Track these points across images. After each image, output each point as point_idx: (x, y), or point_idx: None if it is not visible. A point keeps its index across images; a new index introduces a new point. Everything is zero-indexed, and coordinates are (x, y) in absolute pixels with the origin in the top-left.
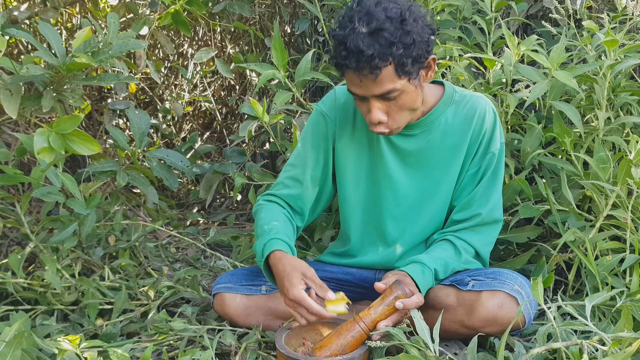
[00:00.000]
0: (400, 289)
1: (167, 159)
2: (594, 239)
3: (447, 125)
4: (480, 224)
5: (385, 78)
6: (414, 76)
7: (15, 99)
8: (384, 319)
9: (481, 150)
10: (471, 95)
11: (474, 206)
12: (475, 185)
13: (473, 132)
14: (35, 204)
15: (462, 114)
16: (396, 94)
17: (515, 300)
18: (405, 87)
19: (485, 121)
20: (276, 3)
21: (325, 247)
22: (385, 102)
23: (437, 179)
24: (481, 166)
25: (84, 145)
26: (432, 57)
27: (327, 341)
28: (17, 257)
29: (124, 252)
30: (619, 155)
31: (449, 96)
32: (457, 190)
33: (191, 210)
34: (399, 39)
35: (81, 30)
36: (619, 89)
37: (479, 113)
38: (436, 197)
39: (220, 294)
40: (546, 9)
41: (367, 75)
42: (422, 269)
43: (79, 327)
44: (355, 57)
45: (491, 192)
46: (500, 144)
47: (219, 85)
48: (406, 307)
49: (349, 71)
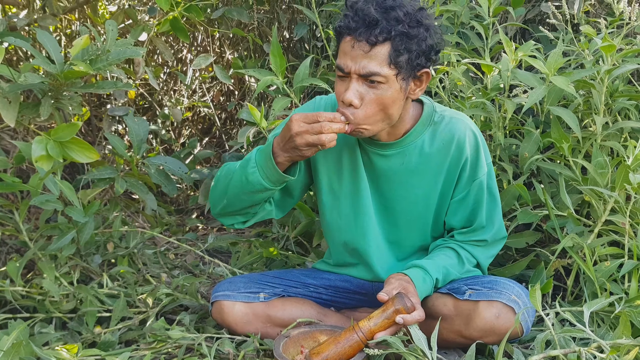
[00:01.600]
0: (402, 302)
1: (165, 165)
2: (593, 244)
3: (423, 148)
4: (487, 245)
5: (376, 56)
6: (404, 76)
7: (14, 107)
8: (382, 331)
9: (465, 178)
10: (450, 118)
11: (479, 231)
12: (468, 210)
13: (452, 158)
14: (33, 211)
15: (439, 138)
16: (379, 80)
17: (512, 311)
18: (390, 81)
19: (465, 148)
20: (274, 9)
21: (323, 252)
22: (365, 86)
23: (412, 203)
24: (469, 192)
25: (82, 153)
26: (427, 72)
27: (324, 347)
28: (16, 264)
29: (123, 259)
30: (617, 160)
31: (428, 116)
32: (447, 217)
33: (190, 216)
34: (407, 23)
35: (79, 37)
36: (617, 93)
37: (458, 139)
38: (411, 218)
39: (219, 302)
40: (544, 14)
41: (361, 42)
42: (424, 276)
43: (77, 335)
44: (360, 19)
45: (494, 215)
46: (487, 165)
47: (218, 91)
48: (406, 323)
49: (346, 37)
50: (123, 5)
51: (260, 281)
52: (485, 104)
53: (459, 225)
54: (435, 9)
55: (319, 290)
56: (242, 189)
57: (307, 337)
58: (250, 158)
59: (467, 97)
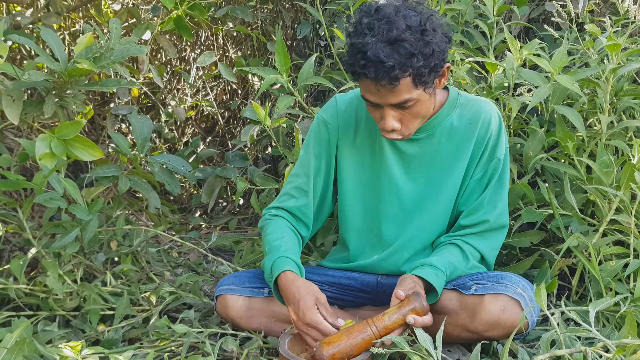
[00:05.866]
0: (419, 302)
1: (168, 164)
2: (598, 243)
3: (452, 129)
4: (488, 230)
5: (403, 88)
6: (430, 85)
7: (17, 104)
8: (396, 327)
9: (486, 156)
10: (476, 100)
11: (480, 212)
12: (482, 190)
13: (478, 136)
14: (37, 209)
15: (466, 117)
16: (412, 103)
17: (518, 304)
18: (421, 96)
19: (491, 126)
20: (278, 7)
21: (327, 251)
22: (400, 111)
23: (440, 183)
24: (487, 171)
25: (85, 151)
26: (447, 66)
27: (337, 338)
28: (19, 262)
29: (126, 257)
30: (622, 160)
31: (454, 100)
32: (464, 196)
33: (193, 215)
34: (419, 50)
35: (83, 36)
36: (622, 92)
37: (484, 117)
38: (439, 201)
39: (223, 296)
40: (548, 13)
41: (385, 86)
42: (435, 272)
43: (81, 333)
44: (375, 67)
45: (498, 198)
46: (505, 149)
47: (222, 90)
48: (415, 325)
49: (366, 80)
50: (127, 4)
51: (264, 276)
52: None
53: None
54: (440, 7)
55: (323, 287)
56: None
57: None
58: (266, 268)
59: None
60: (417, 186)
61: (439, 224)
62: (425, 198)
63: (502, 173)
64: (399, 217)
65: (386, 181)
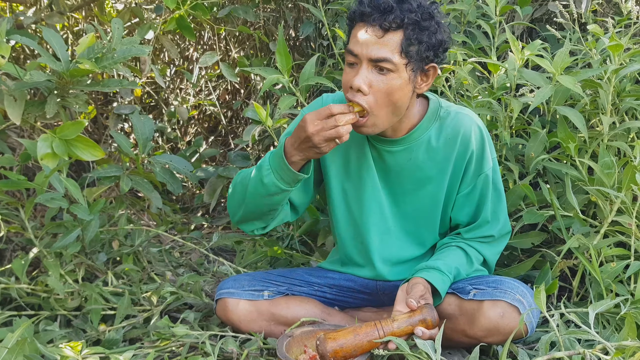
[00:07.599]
0: (430, 315)
1: (171, 164)
2: (599, 245)
3: (429, 145)
4: (493, 241)
5: (388, 42)
6: (413, 67)
7: (19, 104)
8: (403, 335)
9: (472, 171)
10: (456, 113)
11: (485, 227)
12: (474, 204)
13: (458, 153)
14: (39, 209)
15: (445, 133)
16: (389, 67)
17: (517, 310)
18: (400, 70)
19: (471, 142)
20: (281, 7)
21: (328, 251)
22: (374, 73)
23: (421, 198)
24: (475, 186)
25: (87, 151)
26: (434, 66)
27: (342, 334)
28: (21, 262)
29: (128, 257)
30: (623, 161)
31: (434, 111)
32: (454, 211)
33: (195, 214)
34: (420, 14)
35: (85, 36)
36: (624, 93)
37: (463, 134)
38: (422, 216)
39: (223, 300)
40: (551, 13)
41: (375, 28)
42: (442, 277)
43: (82, 333)
44: (375, 5)
45: (499, 210)
46: (492, 159)
47: (224, 89)
48: (422, 337)
49: (359, 23)
50: (129, 4)
51: (264, 279)
52: (491, 103)
53: (464, 221)
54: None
55: (323, 289)
56: (259, 194)
57: (311, 336)
58: (264, 162)
59: (473, 97)
60: (397, 199)
61: (424, 235)
62: (405, 210)
63: (495, 184)
64: (383, 228)
65: (369, 190)
